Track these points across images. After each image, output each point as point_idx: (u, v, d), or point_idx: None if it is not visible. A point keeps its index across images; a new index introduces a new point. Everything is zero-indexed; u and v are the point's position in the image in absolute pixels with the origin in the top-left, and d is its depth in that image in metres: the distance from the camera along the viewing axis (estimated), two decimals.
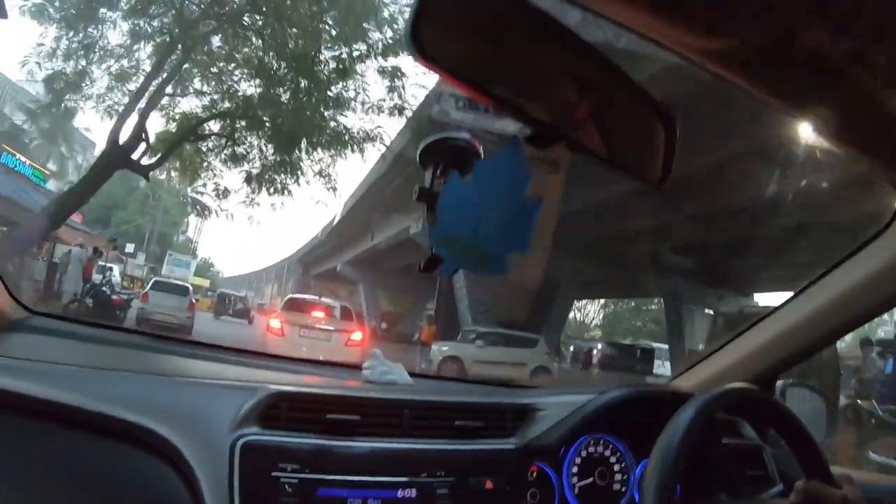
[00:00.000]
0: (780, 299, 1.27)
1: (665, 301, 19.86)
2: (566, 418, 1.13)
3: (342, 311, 9.85)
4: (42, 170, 14.53)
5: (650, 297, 26.23)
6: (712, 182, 9.69)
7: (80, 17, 9.97)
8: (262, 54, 10.92)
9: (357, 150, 11.12)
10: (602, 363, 16.64)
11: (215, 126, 11.60)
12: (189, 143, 11.46)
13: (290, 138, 11.15)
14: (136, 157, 10.74)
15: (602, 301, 31.37)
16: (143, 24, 10.21)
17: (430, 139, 0.68)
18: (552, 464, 1.09)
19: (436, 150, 0.67)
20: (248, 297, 29.85)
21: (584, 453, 1.11)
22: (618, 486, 1.12)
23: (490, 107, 0.58)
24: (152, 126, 11.40)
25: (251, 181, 11.66)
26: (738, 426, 1.22)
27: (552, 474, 1.09)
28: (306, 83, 10.83)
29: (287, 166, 11.60)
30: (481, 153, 0.67)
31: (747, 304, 15.69)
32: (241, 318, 20.07)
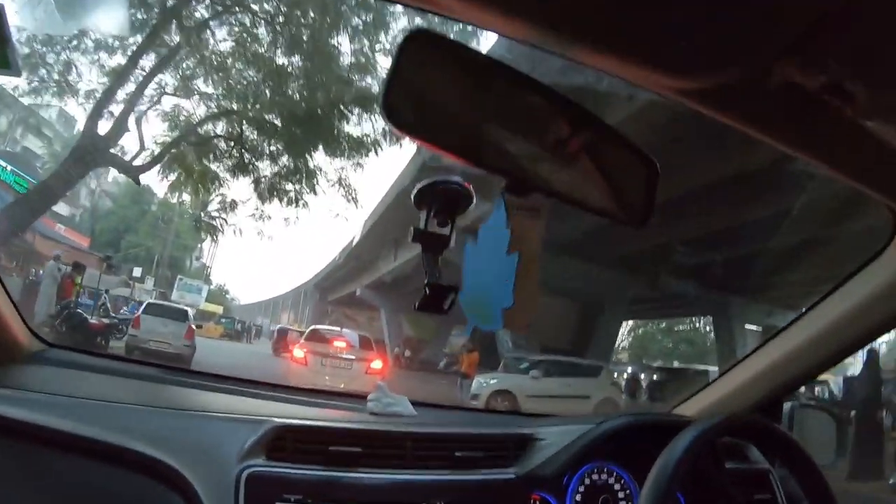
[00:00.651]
0: None
1: (715, 320, 19.31)
2: (567, 447, 1.22)
3: (362, 340, 10.40)
4: (26, 177, 14.41)
5: (698, 316, 25.31)
6: (768, 186, 9.53)
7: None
8: (273, 47, 10.38)
9: (378, 153, 10.81)
10: (654, 389, 15.61)
11: (220, 128, 11.15)
12: (191, 146, 10.99)
13: (304, 142, 10.69)
14: (128, 158, 10.53)
15: (630, 322, 30.74)
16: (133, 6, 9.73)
17: (423, 182, 0.75)
18: (554, 492, 1.17)
19: (428, 193, 0.74)
20: (263, 326, 30.52)
21: (587, 481, 1.19)
22: None
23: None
24: (150, 130, 11.27)
25: (261, 191, 11.18)
26: (744, 450, 1.28)
27: (554, 503, 1.17)
28: (322, 79, 10.32)
29: (301, 174, 11.09)
30: (472, 194, 0.75)
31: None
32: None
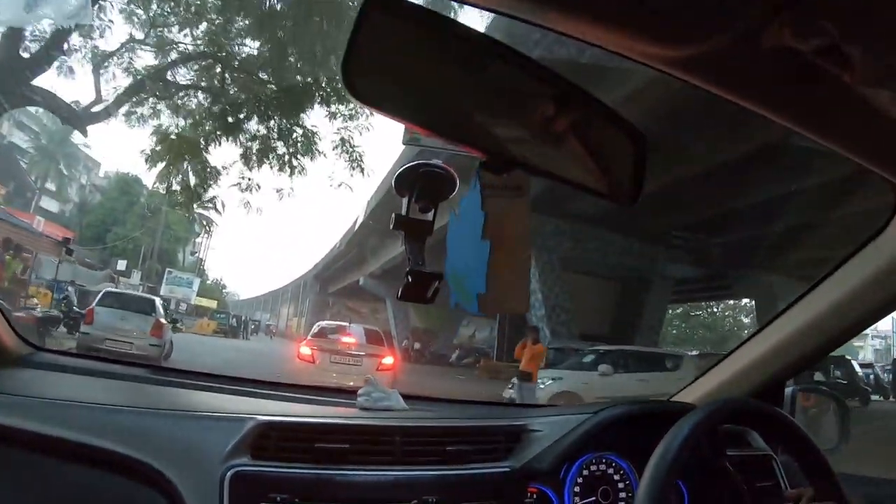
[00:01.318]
0: None
1: (757, 303, 19.18)
2: (563, 438, 1.27)
3: (371, 334, 10.50)
4: None
5: (739, 299, 25.11)
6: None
7: None
8: None
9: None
10: None
11: (193, 73, 10.51)
12: (162, 100, 10.32)
13: (296, 96, 10.00)
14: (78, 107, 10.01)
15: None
16: None
17: (404, 167, 0.76)
18: (552, 485, 1.22)
19: (409, 178, 0.76)
20: (261, 321, 30.96)
21: (585, 472, 1.25)
22: None
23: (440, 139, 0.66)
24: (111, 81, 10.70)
25: (248, 154, 10.44)
26: (745, 436, 1.33)
27: (552, 495, 1.22)
28: (317, 19, 9.68)
29: (293, 132, 10.37)
30: (455, 178, 0.76)
31: None
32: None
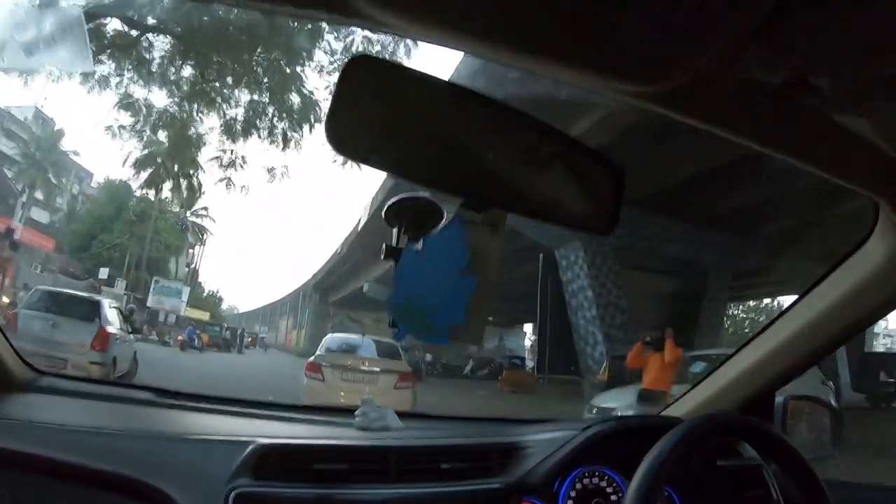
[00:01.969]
0: None
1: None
2: (555, 453, 1.38)
3: (387, 348, 10.06)
4: None
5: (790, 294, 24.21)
6: None
7: None
8: None
9: None
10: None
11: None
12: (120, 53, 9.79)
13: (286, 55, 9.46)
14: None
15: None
16: None
17: (393, 199, 0.87)
18: (545, 499, 1.33)
19: (399, 210, 0.86)
20: (258, 334, 31.24)
21: (578, 486, 1.35)
22: None
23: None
24: None
25: (231, 125, 10.10)
26: (737, 447, 1.43)
27: None
28: None
29: (283, 101, 9.93)
30: (442, 209, 0.86)
31: None
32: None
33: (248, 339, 28.55)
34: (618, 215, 0.85)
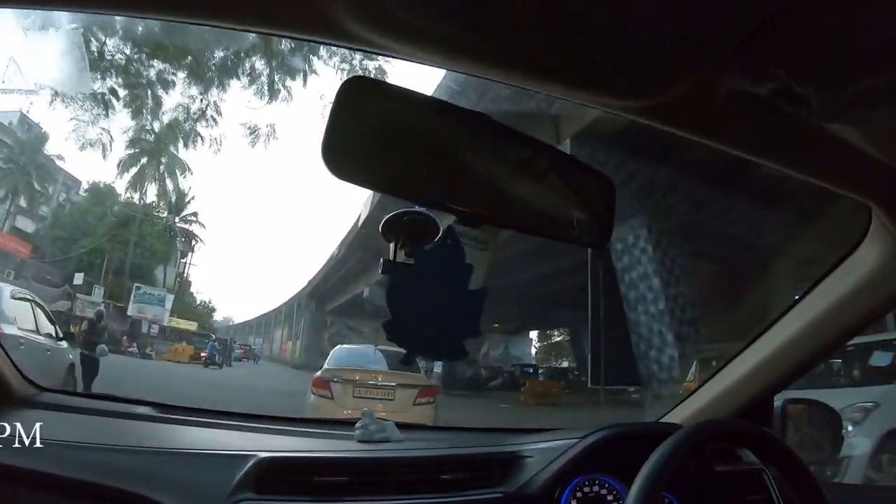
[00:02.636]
0: None
1: None
2: (554, 462, 1.48)
3: (402, 358, 9.54)
4: None
5: None
6: None
7: None
8: None
9: None
10: None
11: None
12: None
13: None
14: None
15: None
16: None
17: (390, 214, 0.92)
18: None
19: (396, 224, 0.91)
20: (251, 346, 31.33)
21: (578, 494, 1.45)
22: None
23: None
24: None
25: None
26: (737, 452, 1.52)
27: None
28: None
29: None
30: (438, 223, 0.91)
31: None
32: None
33: (240, 352, 28.56)
34: (611, 228, 0.93)
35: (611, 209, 0.94)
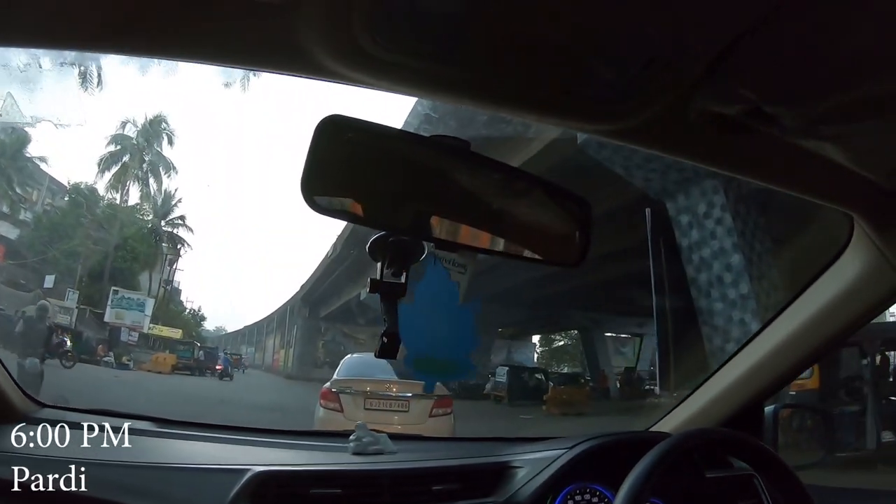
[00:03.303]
0: None
1: None
2: (545, 470, 1.59)
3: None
4: None
5: None
6: None
7: None
8: None
9: None
10: None
11: None
12: None
13: None
14: None
15: None
16: None
17: (375, 236, 0.99)
18: None
19: (382, 245, 0.99)
20: (242, 355, 31.38)
21: (570, 502, 1.55)
22: None
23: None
24: None
25: None
26: (727, 458, 1.62)
27: None
28: None
29: None
30: (424, 246, 0.99)
31: None
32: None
33: (239, 359, 28.65)
34: (587, 248, 1.01)
35: (587, 229, 1.02)
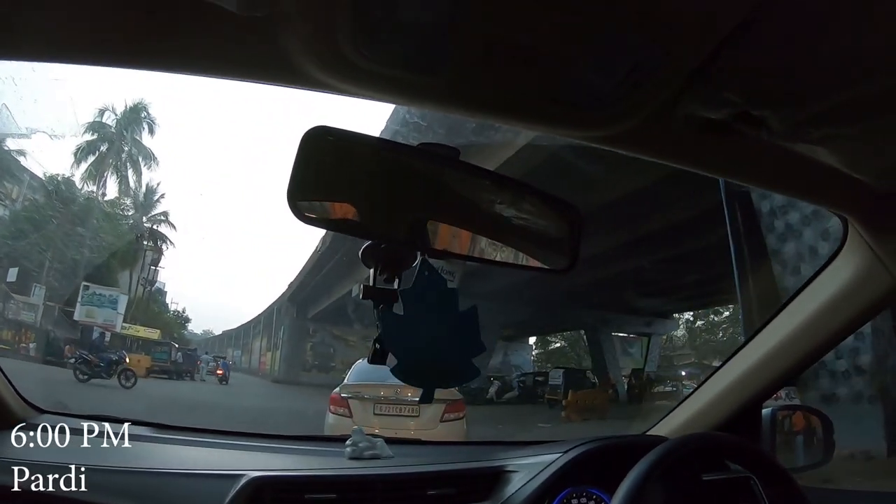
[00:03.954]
0: None
1: None
2: (540, 474, 1.67)
3: None
4: None
5: None
6: None
7: None
8: None
9: None
10: None
11: None
12: None
13: None
14: None
15: None
16: None
17: (367, 243, 1.03)
18: None
19: (373, 252, 1.02)
20: (227, 359, 31.24)
21: None
22: None
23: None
24: None
25: None
26: (724, 461, 1.66)
27: None
28: None
29: None
30: (416, 253, 1.02)
31: None
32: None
33: (214, 364, 28.61)
34: (577, 254, 1.05)
35: (576, 235, 1.07)
